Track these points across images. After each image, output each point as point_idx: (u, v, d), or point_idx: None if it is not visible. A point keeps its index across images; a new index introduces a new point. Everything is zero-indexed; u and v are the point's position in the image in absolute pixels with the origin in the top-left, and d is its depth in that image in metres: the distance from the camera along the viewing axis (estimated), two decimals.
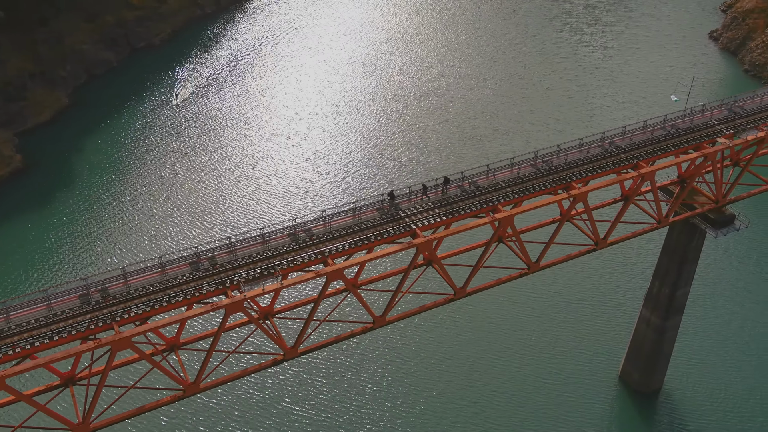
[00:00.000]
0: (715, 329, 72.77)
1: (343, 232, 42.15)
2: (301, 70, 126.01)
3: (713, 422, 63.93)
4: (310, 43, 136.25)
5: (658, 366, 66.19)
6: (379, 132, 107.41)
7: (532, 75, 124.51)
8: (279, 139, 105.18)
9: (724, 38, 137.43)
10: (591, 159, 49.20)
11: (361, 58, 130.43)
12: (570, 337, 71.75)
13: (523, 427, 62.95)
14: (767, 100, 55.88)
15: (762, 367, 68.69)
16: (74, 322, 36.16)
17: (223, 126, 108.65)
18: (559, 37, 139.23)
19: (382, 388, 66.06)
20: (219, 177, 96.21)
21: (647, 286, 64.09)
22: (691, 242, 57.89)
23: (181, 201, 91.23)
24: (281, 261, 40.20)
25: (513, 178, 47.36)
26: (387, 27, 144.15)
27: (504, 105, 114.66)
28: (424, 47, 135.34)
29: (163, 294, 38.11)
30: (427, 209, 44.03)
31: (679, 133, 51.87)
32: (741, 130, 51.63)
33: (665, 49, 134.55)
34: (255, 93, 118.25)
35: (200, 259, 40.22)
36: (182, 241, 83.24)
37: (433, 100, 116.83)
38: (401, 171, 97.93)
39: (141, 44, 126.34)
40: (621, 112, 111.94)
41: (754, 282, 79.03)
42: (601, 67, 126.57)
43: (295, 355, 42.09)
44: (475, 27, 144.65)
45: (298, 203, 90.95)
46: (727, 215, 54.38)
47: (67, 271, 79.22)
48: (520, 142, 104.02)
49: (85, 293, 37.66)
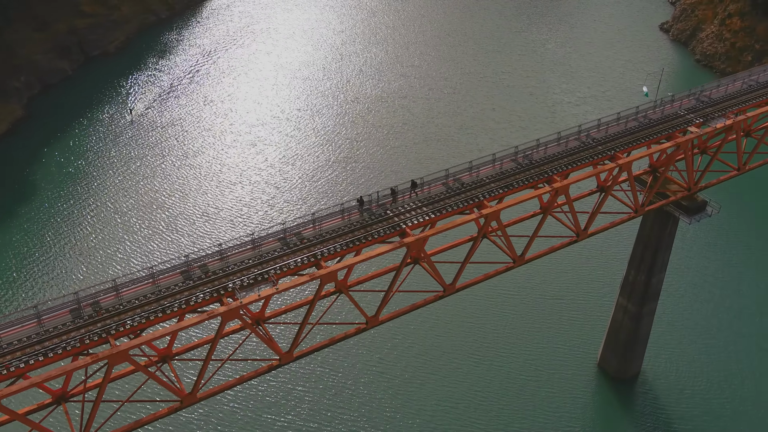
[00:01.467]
0: (688, 314, 75.43)
1: (333, 234, 42.39)
2: (261, 74, 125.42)
3: (691, 405, 66.23)
4: (268, 47, 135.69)
5: (635, 352, 68.19)
6: (344, 134, 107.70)
7: (492, 73, 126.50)
8: (243, 147, 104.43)
9: (674, 30, 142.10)
10: (570, 152, 50.45)
11: (320, 61, 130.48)
12: (548, 329, 73.44)
13: (506, 417, 64.24)
14: (731, 89, 58.17)
15: (733, 347, 71.42)
16: (68, 337, 35.53)
17: (185, 134, 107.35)
18: (515, 35, 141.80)
19: (378, 386, 66.60)
20: (183, 186, 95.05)
21: (623, 275, 65.97)
22: (664, 230, 59.91)
23: (146, 212, 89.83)
24: (274, 266, 40.22)
25: (495, 174, 48.23)
26: (344, 29, 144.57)
27: (467, 103, 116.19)
28: (382, 48, 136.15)
29: (157, 305, 37.73)
30: (415, 208, 44.53)
31: (651, 123, 53.62)
32: (709, 118, 53.59)
33: (619, 43, 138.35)
34: (215, 100, 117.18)
35: (191, 268, 39.94)
36: (148, 254, 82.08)
37: (396, 100, 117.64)
38: (369, 173, 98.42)
39: (95, 52, 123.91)
40: (582, 107, 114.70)
41: (722, 266, 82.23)
42: (559, 63, 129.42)
43: (291, 360, 42.11)
44: (432, 26, 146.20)
45: (267, 210, 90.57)
46: (699, 202, 56.44)
47: (29, 288, 77.23)
48: (485, 139, 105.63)
49: (76, 308, 37.03)
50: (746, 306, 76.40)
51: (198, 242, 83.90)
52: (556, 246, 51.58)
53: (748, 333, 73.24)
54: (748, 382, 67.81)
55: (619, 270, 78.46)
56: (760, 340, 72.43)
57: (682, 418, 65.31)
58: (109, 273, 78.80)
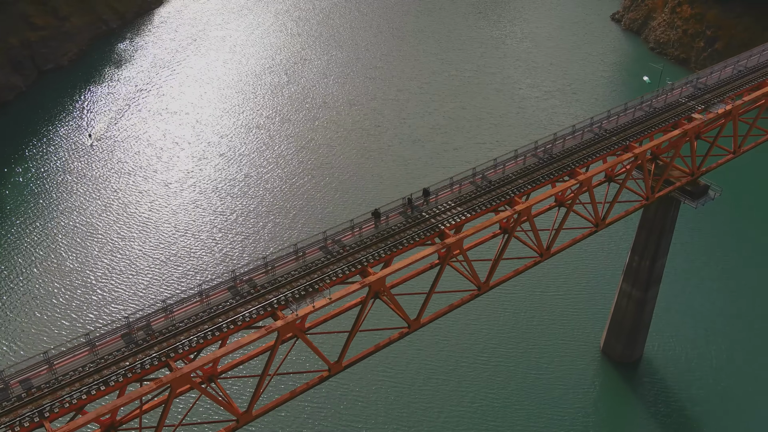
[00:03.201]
0: (685, 296, 78.26)
1: (369, 242, 42.29)
2: (223, 82, 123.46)
3: (695, 386, 68.81)
4: (226, 54, 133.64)
5: (638, 337, 70.44)
6: (317, 140, 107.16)
7: (457, 71, 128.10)
8: (214, 158, 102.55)
9: (626, 19, 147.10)
10: (587, 144, 51.73)
11: (281, 66, 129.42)
12: (551, 317, 75.72)
13: (512, 404, 65.98)
14: (725, 74, 60.80)
15: (732, 327, 74.52)
16: (127, 363, 34.44)
17: (152, 149, 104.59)
18: (475, 32, 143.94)
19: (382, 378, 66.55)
20: (152, 203, 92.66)
21: (624, 262, 68.03)
22: (668, 215, 62.14)
23: (110, 236, 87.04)
24: (321, 276, 39.95)
25: (520, 170, 48.98)
26: (301, 32, 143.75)
27: (436, 103, 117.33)
28: (343, 50, 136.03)
29: (211, 324, 36.96)
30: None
31: (656, 112, 55.51)
32: (710, 104, 55.87)
33: (575, 36, 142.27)
34: (179, 111, 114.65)
35: (238, 283, 39.29)
36: (118, 286, 79.83)
37: (365, 103, 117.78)
38: (347, 178, 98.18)
39: (49, 66, 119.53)
40: (550, 101, 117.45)
41: (716, 247, 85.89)
42: (521, 59, 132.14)
43: (340, 370, 41.88)
44: (390, 26, 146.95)
45: (246, 223, 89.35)
46: (701, 186, 58.75)
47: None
48: (460, 138, 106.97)
49: (128, 332, 35.95)
50: (744, 287, 79.84)
51: (178, 260, 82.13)
52: (578, 237, 52.80)
53: (746, 313, 76.43)
54: (749, 361, 70.70)
55: (617, 257, 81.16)
56: (757, 319, 75.65)
57: (687, 400, 67.80)
58: (69, 305, 76.35)
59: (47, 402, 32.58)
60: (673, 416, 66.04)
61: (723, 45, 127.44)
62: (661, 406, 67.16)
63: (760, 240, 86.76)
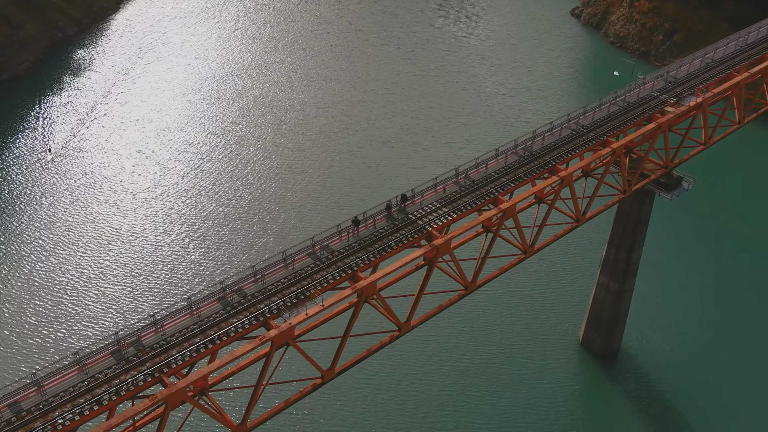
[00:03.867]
0: (659, 286, 79.82)
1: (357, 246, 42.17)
2: (186, 88, 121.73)
3: (672, 375, 70.12)
4: (187, 59, 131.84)
5: (617, 329, 71.68)
6: (286, 144, 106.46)
7: (422, 71, 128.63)
8: (183, 166, 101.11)
9: (585, 15, 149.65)
10: (565, 140, 52.42)
11: (245, 70, 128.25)
12: (530, 313, 76.46)
13: (496, 403, 66.67)
14: (694, 66, 62.22)
15: (706, 315, 76.35)
16: (119, 381, 33.69)
17: (117, 158, 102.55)
18: (437, 31, 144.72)
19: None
20: (121, 215, 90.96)
21: (602, 255, 69.13)
22: (642, 207, 63.38)
23: (79, 250, 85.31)
24: (312, 282, 39.69)
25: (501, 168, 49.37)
26: (263, 35, 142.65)
27: (403, 103, 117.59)
28: (306, 53, 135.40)
29: (203, 336, 36.40)
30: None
31: (630, 107, 56.54)
32: (682, 97, 57.13)
33: (537, 33, 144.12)
34: (143, 119, 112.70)
35: (228, 294, 38.79)
36: (91, 301, 78.25)
37: (332, 105, 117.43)
38: (320, 182, 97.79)
39: (5, 76, 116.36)
40: (516, 98, 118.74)
41: (692, 236, 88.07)
42: (485, 57, 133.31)
43: (333, 376, 41.63)
44: (352, 27, 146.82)
45: (222, 233, 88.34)
46: (675, 178, 60.05)
47: None
48: (429, 138, 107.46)
49: (117, 349, 35.18)
50: (717, 275, 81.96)
51: (152, 271, 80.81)
52: (560, 233, 53.47)
53: (721, 301, 78.37)
54: (726, 349, 72.43)
55: (594, 250, 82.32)
56: (731, 307, 77.60)
57: (667, 389, 68.98)
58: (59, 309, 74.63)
59: (39, 425, 31.70)
60: (654, 406, 67.36)
61: (681, 37, 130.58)
62: (642, 397, 68.37)
63: (732, 228, 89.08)
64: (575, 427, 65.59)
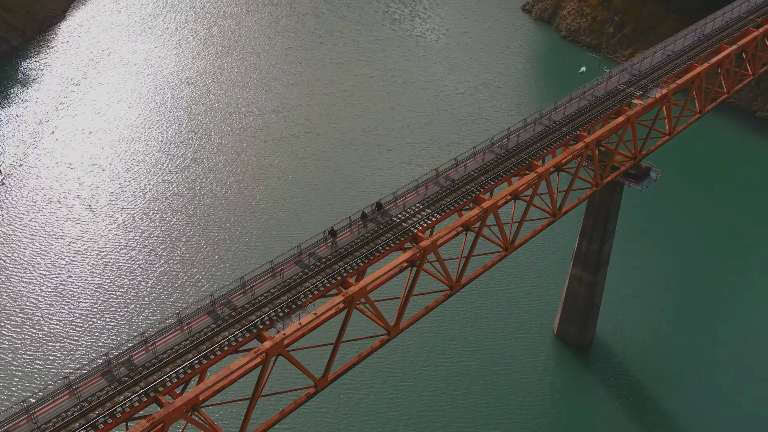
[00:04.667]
0: (629, 275, 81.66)
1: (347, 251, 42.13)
2: (140, 97, 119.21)
3: (646, 363, 71.92)
4: (139, 67, 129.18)
5: (591, 319, 73.18)
6: (249, 151, 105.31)
7: (380, 72, 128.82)
8: (142, 177, 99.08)
9: (536, 10, 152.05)
10: (538, 137, 53.26)
11: (199, 76, 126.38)
12: (505, 307, 77.65)
13: (473, 397, 67.55)
14: (656, 58, 63.90)
15: (677, 302, 78.53)
16: (113, 404, 32.93)
17: (73, 173, 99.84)
18: (393, 31, 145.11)
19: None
20: (81, 231, 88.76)
21: (574, 247, 70.47)
22: (612, 199, 64.82)
23: (40, 270, 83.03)
24: (302, 291, 39.49)
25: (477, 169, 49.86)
26: (215, 40, 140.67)
27: (364, 105, 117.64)
28: (261, 57, 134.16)
29: (196, 352, 35.86)
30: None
31: (599, 101, 57.78)
32: (647, 89, 58.66)
33: (491, 30, 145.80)
34: (97, 130, 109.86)
35: (217, 307, 38.29)
36: (54, 322, 76.25)
37: (292, 110, 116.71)
38: (285, 187, 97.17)
39: None
40: (476, 95, 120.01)
41: (659, 225, 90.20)
42: (442, 56, 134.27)
43: (326, 384, 41.51)
44: (307, 30, 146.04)
45: (192, 245, 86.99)
46: (644, 169, 61.61)
47: None
48: (392, 139, 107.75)
49: (108, 370, 34.40)
50: (685, 262, 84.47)
51: (118, 288, 79.14)
52: (538, 228, 54.30)
53: (690, 288, 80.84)
54: (695, 334, 74.69)
55: (566, 242, 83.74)
56: (698, 293, 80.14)
57: (643, 377, 70.58)
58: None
59: None
60: (630, 394, 68.84)
61: (631, 29, 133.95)
62: (618, 385, 69.82)
63: (697, 215, 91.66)
64: (554, 416, 66.81)
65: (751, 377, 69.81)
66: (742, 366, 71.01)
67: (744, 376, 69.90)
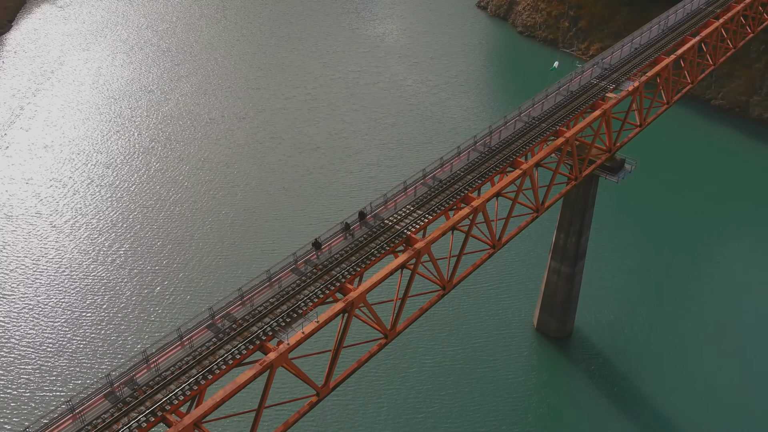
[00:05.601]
0: (606, 267, 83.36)
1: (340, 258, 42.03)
2: (97, 108, 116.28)
3: (624, 351, 73.71)
4: (92, 77, 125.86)
5: (569, 311, 74.52)
6: (212, 160, 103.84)
7: (342, 74, 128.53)
8: (102, 192, 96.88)
9: (491, 6, 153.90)
10: (520, 133, 53.98)
11: (156, 84, 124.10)
12: (485, 302, 78.76)
13: (456, 394, 68.34)
14: (624, 51, 65.42)
15: (653, 292, 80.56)
16: (119, 426, 32.22)
17: (25, 190, 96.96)
18: (351, 33, 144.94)
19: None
20: (42, 248, 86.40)
21: (551, 240, 71.62)
22: (588, 191, 66.14)
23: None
24: (303, 298, 39.27)
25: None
26: (169, 47, 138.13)
27: (328, 108, 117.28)
28: (219, 63, 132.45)
29: (200, 367, 35.31)
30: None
31: (574, 95, 58.86)
32: (620, 83, 60.01)
33: (448, 28, 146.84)
34: (52, 144, 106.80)
35: (216, 321, 37.77)
36: (17, 344, 74.16)
37: (255, 115, 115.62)
38: (253, 195, 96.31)
39: None
40: (439, 94, 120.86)
41: (633, 217, 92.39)
42: (403, 56, 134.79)
43: (328, 392, 41.33)
44: (263, 33, 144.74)
45: (163, 258, 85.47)
46: (618, 161, 63.01)
47: None
48: (359, 141, 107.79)
49: (111, 391, 33.63)
50: (660, 251, 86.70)
51: (83, 307, 77.34)
52: (526, 222, 55.08)
53: (664, 277, 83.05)
54: (671, 323, 76.68)
55: (543, 236, 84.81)
56: (671, 281, 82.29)
57: (621, 366, 72.43)
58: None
59: None
60: (613, 384, 70.27)
61: (586, 23, 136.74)
62: (598, 376, 71.38)
63: (667, 205, 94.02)
64: (537, 408, 67.83)
65: (728, 363, 71.85)
66: (720, 351, 73.09)
67: (721, 362, 71.92)
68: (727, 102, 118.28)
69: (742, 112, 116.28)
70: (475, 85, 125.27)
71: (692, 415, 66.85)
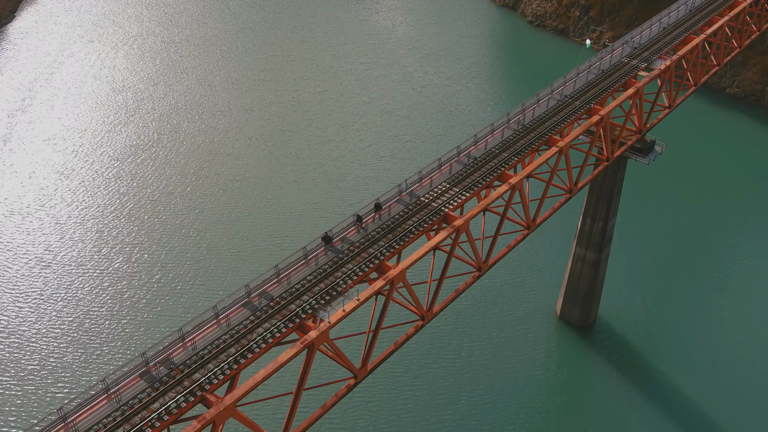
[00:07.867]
0: (633, 254, 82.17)
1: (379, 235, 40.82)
2: (98, 99, 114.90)
3: (648, 340, 72.50)
4: (94, 69, 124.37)
5: (594, 299, 73.31)
6: (221, 153, 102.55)
7: (352, 66, 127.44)
8: (111, 186, 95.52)
9: None
10: (553, 111, 52.79)
11: (161, 76, 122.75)
12: (508, 290, 77.82)
13: (478, 381, 67.55)
14: (654, 30, 64.29)
15: (679, 280, 79.25)
16: (159, 405, 30.89)
17: (30, 183, 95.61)
18: (361, 24, 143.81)
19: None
20: (47, 243, 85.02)
21: (577, 226, 70.36)
22: (617, 175, 64.92)
23: (6, 286, 79.24)
24: (342, 277, 38.02)
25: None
26: (174, 39, 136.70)
27: (338, 100, 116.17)
28: (224, 55, 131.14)
29: (239, 346, 34.01)
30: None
31: (606, 74, 57.70)
32: (651, 62, 58.86)
33: (458, 19, 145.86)
34: (55, 137, 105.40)
35: (253, 298, 36.47)
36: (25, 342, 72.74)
37: (263, 108, 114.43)
38: (266, 188, 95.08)
39: None
40: (452, 86, 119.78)
41: (659, 202, 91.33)
42: (414, 48, 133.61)
43: (366, 375, 40.04)
44: (270, 25, 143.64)
45: (173, 255, 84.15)
46: (649, 142, 61.81)
47: None
48: (372, 134, 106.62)
49: (146, 370, 32.32)
50: (685, 238, 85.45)
51: (96, 300, 75.99)
52: (556, 205, 53.91)
53: (690, 265, 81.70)
54: (697, 312, 75.48)
55: (566, 222, 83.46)
56: (701, 269, 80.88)
57: (646, 355, 71.18)
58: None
59: None
60: (636, 374, 68.86)
61: (596, 12, 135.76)
62: (620, 365, 70.13)
63: (694, 192, 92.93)
64: (558, 396, 66.61)
65: (760, 358, 70.19)
66: (750, 345, 71.46)
67: (752, 356, 70.30)
68: (742, 90, 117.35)
69: (758, 100, 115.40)
70: (487, 76, 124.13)
71: (718, 408, 65.36)
